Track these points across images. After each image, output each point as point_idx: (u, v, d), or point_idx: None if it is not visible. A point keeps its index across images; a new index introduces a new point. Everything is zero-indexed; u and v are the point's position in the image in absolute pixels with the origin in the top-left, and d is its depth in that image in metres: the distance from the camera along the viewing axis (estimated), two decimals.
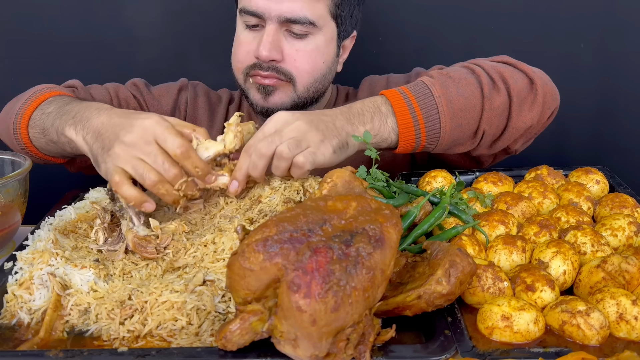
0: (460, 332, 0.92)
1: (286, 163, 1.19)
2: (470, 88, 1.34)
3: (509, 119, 1.37)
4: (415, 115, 1.30)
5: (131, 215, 1.16)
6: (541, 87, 1.39)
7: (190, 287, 1.01)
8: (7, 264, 1.11)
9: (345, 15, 1.58)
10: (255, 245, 0.84)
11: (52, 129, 1.34)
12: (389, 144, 1.33)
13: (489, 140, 1.40)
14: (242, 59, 1.55)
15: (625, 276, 1.00)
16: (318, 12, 1.50)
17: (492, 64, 1.41)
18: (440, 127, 1.31)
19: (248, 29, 1.54)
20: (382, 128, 1.30)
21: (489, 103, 1.34)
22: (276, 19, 1.48)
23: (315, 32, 1.52)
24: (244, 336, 0.86)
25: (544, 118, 1.42)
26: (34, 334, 0.98)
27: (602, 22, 2.00)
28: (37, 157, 1.48)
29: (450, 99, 1.32)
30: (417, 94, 1.32)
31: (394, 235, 0.88)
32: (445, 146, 1.36)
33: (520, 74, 1.39)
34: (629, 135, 2.08)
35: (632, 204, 1.22)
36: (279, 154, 1.19)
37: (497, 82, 1.36)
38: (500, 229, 1.16)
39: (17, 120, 1.43)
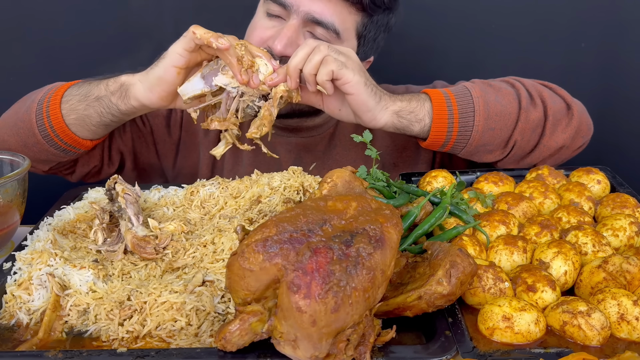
0: (461, 332, 0.92)
1: (320, 57, 1.24)
2: (509, 98, 1.39)
3: (542, 135, 1.40)
4: (452, 108, 1.34)
5: (130, 215, 1.15)
6: (578, 113, 1.43)
7: (189, 288, 1.01)
8: (6, 264, 1.10)
9: (370, 37, 1.57)
10: (255, 246, 0.83)
11: (100, 85, 1.40)
12: (422, 127, 1.36)
13: (519, 154, 1.43)
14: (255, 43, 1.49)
15: (627, 276, 1.00)
16: (346, 25, 1.49)
17: (532, 83, 1.46)
18: (473, 125, 1.34)
19: (268, 17, 1.50)
20: (418, 108, 1.35)
21: (525, 115, 1.38)
22: (302, 15, 1.44)
23: (336, 42, 1.48)
24: (243, 337, 0.85)
25: (575, 145, 1.46)
26: (32, 334, 0.98)
27: (603, 22, 2.00)
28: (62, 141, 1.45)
29: (488, 101, 1.36)
30: (456, 93, 1.38)
31: (394, 235, 0.88)
32: (474, 149, 1.39)
33: (558, 98, 1.44)
34: (630, 135, 2.08)
35: (633, 204, 1.22)
36: (317, 48, 1.25)
37: (535, 99, 1.41)
38: (501, 229, 1.16)
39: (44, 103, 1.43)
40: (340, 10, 1.46)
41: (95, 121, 1.43)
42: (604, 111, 2.09)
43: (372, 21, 1.54)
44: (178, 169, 1.74)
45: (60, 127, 1.43)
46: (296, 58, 1.26)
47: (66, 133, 1.44)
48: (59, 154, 1.49)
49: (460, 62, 2.04)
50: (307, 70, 1.26)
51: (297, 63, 1.26)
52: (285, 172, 1.35)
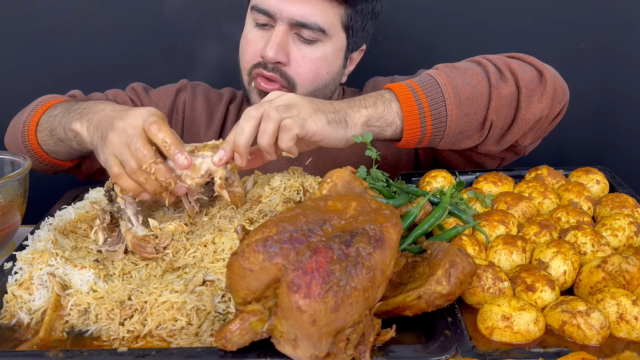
0: (461, 332, 0.92)
1: (273, 125, 1.12)
2: (477, 77, 1.32)
3: (518, 110, 1.34)
4: (421, 102, 1.27)
5: (129, 215, 1.16)
6: (551, 79, 1.36)
7: (190, 287, 1.01)
8: (6, 264, 1.11)
9: (357, 27, 1.57)
10: (255, 246, 0.84)
11: (60, 127, 1.38)
12: (394, 130, 1.27)
13: (497, 133, 1.36)
14: (249, 58, 1.54)
15: (626, 276, 1.00)
16: (330, 20, 1.49)
17: (499, 57, 1.39)
18: (446, 115, 1.27)
19: (257, 27, 1.52)
20: (385, 112, 1.26)
21: (497, 92, 1.31)
22: (287, 21, 1.46)
23: (325, 40, 1.50)
24: (243, 336, 0.86)
25: (553, 112, 1.39)
26: (33, 334, 0.98)
27: (602, 22, 2.00)
28: (46, 162, 1.50)
29: (456, 86, 1.29)
30: (422, 84, 1.29)
31: (394, 235, 0.88)
32: (452, 138, 1.32)
33: (528, 66, 1.38)
34: (629, 135, 2.08)
35: (632, 204, 1.22)
36: (266, 115, 1.13)
37: (504, 73, 1.34)
38: (501, 229, 1.16)
39: (25, 127, 1.46)
40: (321, 7, 1.47)
41: (67, 155, 1.47)
42: (603, 111, 2.09)
43: (357, 11, 1.54)
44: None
45: (40, 153, 1.47)
46: (243, 135, 1.12)
47: (45, 158, 1.49)
48: (52, 169, 1.54)
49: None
50: (264, 143, 1.13)
51: (246, 139, 1.13)
52: (286, 172, 1.35)
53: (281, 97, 1.19)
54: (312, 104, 1.19)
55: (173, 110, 1.74)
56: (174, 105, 1.74)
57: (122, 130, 1.16)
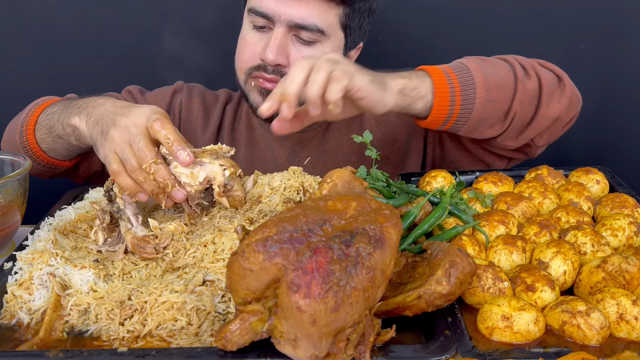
0: (461, 332, 0.92)
1: (324, 75, 1.12)
2: (504, 70, 1.38)
3: (539, 106, 1.39)
4: (452, 82, 1.32)
5: (129, 216, 1.16)
6: (569, 84, 1.44)
7: (190, 288, 1.01)
8: (6, 264, 1.11)
9: (355, 26, 1.57)
10: (255, 246, 0.84)
11: (58, 123, 1.38)
12: (425, 104, 1.32)
13: (518, 127, 1.41)
14: (246, 59, 1.54)
15: (626, 276, 1.00)
16: (328, 21, 1.49)
17: (524, 58, 1.45)
18: (475, 98, 1.32)
19: (255, 29, 1.52)
20: (419, 84, 1.31)
21: (522, 85, 1.37)
22: (285, 23, 1.47)
23: (323, 40, 1.51)
24: (243, 336, 0.86)
25: (568, 116, 1.45)
26: (33, 334, 0.98)
27: (602, 22, 2.00)
28: (44, 162, 1.50)
29: (486, 74, 1.35)
30: (454, 68, 1.35)
31: (394, 235, 0.88)
32: (476, 124, 1.36)
33: (549, 70, 1.44)
34: (629, 135, 2.08)
35: (632, 204, 1.22)
36: (317, 66, 1.13)
37: (529, 71, 1.40)
38: (501, 229, 1.16)
39: (23, 127, 1.47)
40: (319, 9, 1.47)
41: (65, 152, 1.47)
42: (603, 111, 2.09)
43: (354, 9, 1.54)
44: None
45: (38, 152, 1.47)
46: (294, 82, 1.11)
47: (44, 157, 1.48)
48: (50, 170, 1.54)
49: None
50: (314, 92, 1.11)
51: (297, 87, 1.11)
52: (285, 172, 1.35)
53: (328, 55, 1.21)
54: (356, 65, 1.23)
55: (169, 112, 1.74)
56: (170, 106, 1.74)
57: (125, 127, 1.16)
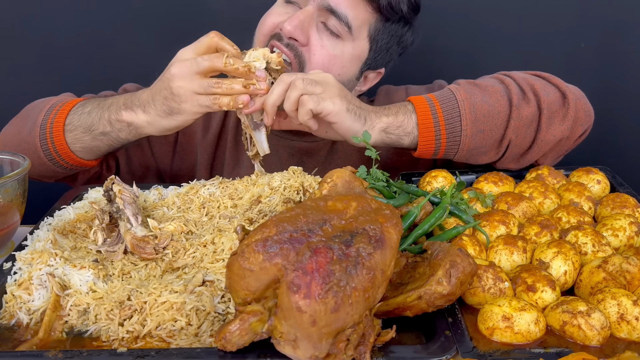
0: (461, 332, 0.92)
1: (296, 94, 1.25)
2: (496, 96, 1.36)
3: (538, 131, 1.36)
4: (437, 115, 1.33)
5: (128, 216, 1.15)
6: (574, 102, 1.38)
7: (189, 288, 1.01)
8: (6, 264, 1.10)
9: (381, 44, 1.56)
10: (255, 246, 0.83)
11: (102, 121, 1.39)
12: (412, 140, 1.35)
13: (515, 152, 1.39)
14: (265, 30, 1.50)
15: (626, 276, 1.00)
16: (359, 21, 1.48)
17: (523, 75, 1.41)
18: (461, 130, 1.32)
19: (286, 3, 1.51)
20: (405, 121, 1.34)
21: (517, 112, 1.34)
22: (318, 3, 1.45)
23: (347, 38, 1.48)
24: (243, 337, 0.85)
25: (575, 134, 1.40)
26: (33, 334, 0.97)
27: (603, 22, 2.00)
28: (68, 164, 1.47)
29: (474, 103, 1.33)
30: (440, 98, 1.35)
31: (394, 235, 0.88)
32: (467, 153, 1.37)
33: (552, 87, 1.39)
34: (630, 135, 2.08)
35: (633, 204, 1.22)
36: (292, 83, 1.26)
37: (527, 93, 1.36)
38: (501, 229, 1.16)
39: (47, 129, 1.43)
40: (356, 4, 1.47)
41: (104, 150, 1.46)
42: (604, 111, 2.08)
43: (386, 27, 1.54)
44: (175, 170, 1.74)
45: (66, 153, 1.45)
46: (273, 95, 1.27)
47: (72, 158, 1.46)
48: (65, 172, 1.52)
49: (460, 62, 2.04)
50: (288, 108, 1.27)
51: (275, 100, 1.27)
52: (285, 172, 1.35)
53: (317, 74, 1.30)
54: (342, 91, 1.30)
55: None
56: None
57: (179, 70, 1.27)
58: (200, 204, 1.28)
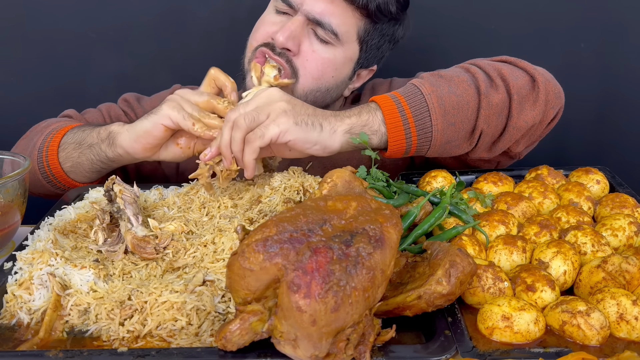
0: (461, 332, 0.92)
1: (240, 134, 1.19)
2: (463, 85, 1.30)
3: (509, 117, 1.32)
4: (405, 113, 1.27)
5: (129, 216, 1.16)
6: (543, 84, 1.33)
7: (190, 288, 1.01)
8: (6, 264, 1.11)
9: (372, 45, 1.56)
10: (255, 246, 0.84)
11: (93, 133, 1.42)
12: (380, 137, 1.28)
13: (487, 141, 1.35)
14: (259, 37, 1.52)
15: (626, 276, 1.00)
16: (345, 27, 1.49)
17: (490, 62, 1.37)
18: (431, 125, 1.27)
19: (277, 13, 1.53)
20: (370, 119, 1.27)
21: (487, 101, 1.29)
22: (305, 14, 1.47)
23: (337, 44, 1.50)
24: (243, 336, 0.86)
25: (547, 118, 1.36)
26: (33, 334, 0.98)
27: (602, 22, 2.00)
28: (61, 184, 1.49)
29: (441, 96, 1.28)
30: (405, 94, 1.30)
31: (394, 235, 0.88)
32: (440, 148, 1.32)
33: (520, 71, 1.35)
34: (629, 135, 2.08)
35: (632, 204, 1.22)
36: (235, 123, 1.20)
37: (494, 80, 1.32)
38: (501, 229, 1.16)
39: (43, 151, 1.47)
40: (342, 12, 1.47)
41: (87, 168, 1.46)
42: (604, 111, 2.09)
43: (376, 29, 1.54)
44: (181, 172, 1.74)
45: (59, 174, 1.47)
46: (223, 137, 1.21)
47: (64, 179, 1.48)
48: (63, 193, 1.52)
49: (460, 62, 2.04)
50: (235, 150, 1.21)
51: (225, 143, 1.21)
52: (286, 172, 1.35)
53: (259, 96, 1.24)
54: (288, 104, 1.22)
55: None
56: None
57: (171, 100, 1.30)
58: (200, 204, 1.28)
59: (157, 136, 1.32)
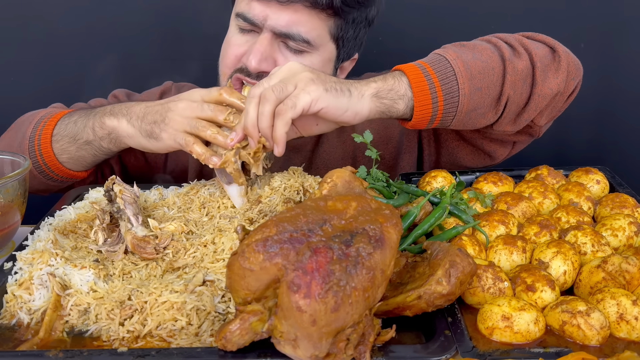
0: (461, 332, 0.92)
1: (270, 106, 1.12)
2: (487, 52, 1.29)
3: (534, 85, 1.31)
4: (431, 78, 1.23)
5: (129, 216, 1.16)
6: (564, 54, 1.34)
7: (190, 288, 1.01)
8: (6, 264, 1.11)
9: (349, 37, 1.52)
10: (255, 246, 0.84)
11: (87, 129, 1.39)
12: (407, 103, 1.23)
13: (513, 110, 1.32)
14: (229, 63, 1.48)
15: (626, 276, 1.00)
16: (316, 32, 1.44)
17: (510, 34, 1.37)
18: (458, 89, 1.23)
19: (241, 32, 1.47)
20: (396, 85, 1.23)
21: (512, 66, 1.28)
22: (270, 29, 1.41)
23: (312, 50, 1.45)
24: (243, 336, 0.86)
25: (569, 89, 1.35)
26: (33, 334, 0.98)
27: (602, 22, 2.00)
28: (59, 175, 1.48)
29: (466, 61, 1.25)
30: (430, 61, 1.26)
31: (394, 235, 0.88)
32: (466, 116, 1.27)
33: (540, 43, 1.36)
34: (629, 135, 2.08)
35: (632, 204, 1.22)
36: (262, 97, 1.13)
37: (517, 48, 1.32)
38: (501, 229, 1.16)
39: (35, 142, 1.44)
40: (308, 19, 1.42)
41: (90, 160, 1.46)
42: (604, 111, 2.09)
43: (347, 21, 1.48)
44: (168, 173, 1.73)
45: (54, 164, 1.45)
46: (249, 115, 1.15)
47: (60, 169, 1.46)
48: (57, 185, 1.52)
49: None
50: (263, 125, 1.14)
51: (253, 120, 1.15)
52: (286, 172, 1.35)
53: (280, 70, 1.18)
54: (312, 74, 1.17)
55: None
56: None
57: (183, 108, 1.27)
58: (200, 203, 1.28)
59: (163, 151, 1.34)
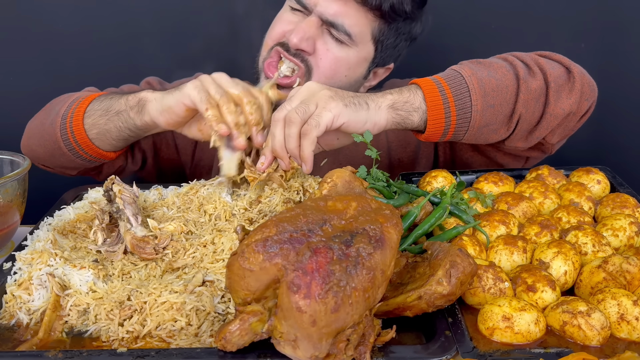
0: (461, 332, 0.92)
1: (296, 128, 1.19)
2: (502, 71, 1.33)
3: (546, 104, 1.34)
4: (445, 93, 1.28)
5: (128, 216, 1.15)
6: (579, 75, 1.37)
7: (189, 288, 1.01)
8: (6, 264, 1.11)
9: (388, 44, 1.57)
10: (255, 246, 0.83)
11: (121, 100, 1.40)
12: (421, 115, 1.29)
13: (525, 128, 1.36)
14: (274, 36, 1.53)
15: (627, 276, 1.00)
16: (359, 28, 1.50)
17: (526, 54, 1.40)
18: (471, 105, 1.28)
19: (292, 11, 1.53)
20: (411, 97, 1.29)
21: (525, 85, 1.32)
22: (318, 15, 1.48)
23: (351, 44, 1.51)
24: (243, 337, 0.85)
25: (582, 109, 1.38)
26: (33, 334, 0.98)
27: (602, 22, 2.00)
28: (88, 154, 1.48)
29: (481, 78, 1.30)
30: (445, 77, 1.32)
31: (394, 235, 0.88)
32: (477, 131, 1.32)
33: (556, 63, 1.39)
34: (630, 135, 2.08)
35: (633, 204, 1.22)
36: (288, 119, 1.20)
37: (532, 68, 1.35)
38: (501, 229, 1.16)
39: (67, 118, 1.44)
40: (355, 13, 1.48)
41: (115, 135, 1.45)
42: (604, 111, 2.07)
43: (392, 28, 1.54)
44: (196, 162, 1.75)
45: (84, 141, 1.45)
46: (277, 138, 1.21)
47: (90, 147, 1.46)
48: (86, 164, 1.52)
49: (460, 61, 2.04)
50: (291, 147, 1.21)
51: (280, 143, 1.22)
52: None
53: (300, 92, 1.25)
54: (330, 91, 1.24)
55: None
56: None
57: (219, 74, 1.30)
58: (199, 204, 1.28)
59: (178, 114, 1.32)
